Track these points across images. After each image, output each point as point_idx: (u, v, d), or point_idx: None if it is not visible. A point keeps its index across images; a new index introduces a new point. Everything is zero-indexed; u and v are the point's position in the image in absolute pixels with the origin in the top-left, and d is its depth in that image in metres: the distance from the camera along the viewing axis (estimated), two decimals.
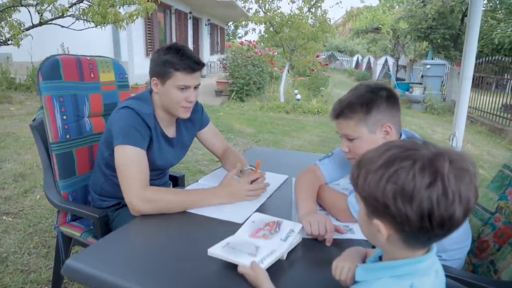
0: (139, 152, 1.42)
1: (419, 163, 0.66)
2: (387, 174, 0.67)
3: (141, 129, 1.44)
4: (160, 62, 1.47)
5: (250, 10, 9.47)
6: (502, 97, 8.02)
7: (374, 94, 1.23)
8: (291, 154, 2.79)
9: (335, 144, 5.91)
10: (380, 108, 1.23)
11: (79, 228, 1.66)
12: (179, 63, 1.44)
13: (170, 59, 1.45)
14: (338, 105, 1.25)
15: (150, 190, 1.37)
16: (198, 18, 15.85)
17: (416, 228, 0.67)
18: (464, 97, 2.19)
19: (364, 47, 26.25)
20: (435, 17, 11.10)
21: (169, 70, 1.45)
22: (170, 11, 12.24)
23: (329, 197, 1.41)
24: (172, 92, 1.48)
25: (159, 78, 1.49)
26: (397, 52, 16.62)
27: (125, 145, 1.39)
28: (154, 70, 1.50)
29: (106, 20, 5.12)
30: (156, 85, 1.52)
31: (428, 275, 0.75)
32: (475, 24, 2.00)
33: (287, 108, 8.64)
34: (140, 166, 1.40)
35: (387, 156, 0.69)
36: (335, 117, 1.26)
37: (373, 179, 0.69)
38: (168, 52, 1.46)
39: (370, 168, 0.71)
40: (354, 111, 1.22)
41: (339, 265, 0.93)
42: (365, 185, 0.71)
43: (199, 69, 1.50)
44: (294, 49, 9.11)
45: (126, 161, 1.39)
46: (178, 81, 1.46)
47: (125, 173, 1.38)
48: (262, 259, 1.00)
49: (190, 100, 1.51)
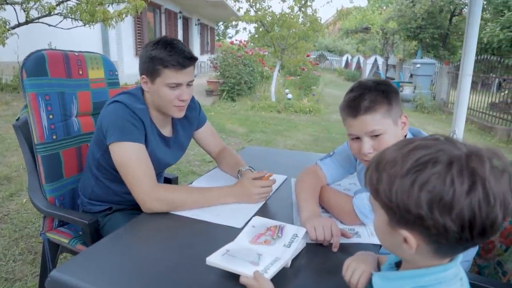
0: (139, 147, 1.34)
1: (456, 166, 0.58)
2: (420, 181, 0.58)
3: (136, 123, 1.35)
4: (148, 59, 1.36)
5: (240, 9, 9.38)
6: (488, 96, 8.08)
7: (386, 86, 1.17)
8: (288, 153, 2.73)
9: (328, 143, 5.92)
10: (397, 98, 1.17)
11: (67, 235, 1.57)
12: (168, 59, 1.33)
13: (158, 55, 1.34)
14: (357, 102, 1.14)
15: (162, 189, 1.33)
16: (188, 17, 15.72)
17: (454, 239, 0.60)
18: (464, 94, 2.15)
19: (353, 47, 26.36)
20: (424, 17, 11.17)
21: (157, 67, 1.35)
22: (160, 10, 12.10)
23: (333, 199, 1.34)
24: (162, 91, 1.38)
25: (148, 76, 1.39)
26: (386, 51, 16.70)
27: (123, 142, 1.31)
28: (143, 67, 1.40)
29: (95, 18, 4.99)
30: (146, 84, 1.42)
31: (454, 284, 0.68)
32: (475, 22, 1.96)
33: (279, 108, 8.61)
34: (144, 162, 1.34)
35: (415, 158, 0.61)
36: (358, 114, 1.14)
37: (401, 186, 0.60)
38: (156, 47, 1.35)
39: (395, 172, 0.62)
40: (379, 102, 1.13)
41: (352, 266, 0.86)
42: (390, 193, 0.62)
43: (191, 64, 1.38)
44: (285, 48, 9.06)
45: (127, 159, 1.31)
46: (168, 78, 1.36)
47: (130, 172, 1.31)
48: (265, 268, 0.93)
49: (183, 98, 1.41)
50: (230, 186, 1.44)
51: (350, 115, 1.16)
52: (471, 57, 2.10)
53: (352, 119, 1.16)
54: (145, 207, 1.30)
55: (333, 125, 7.37)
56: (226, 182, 1.59)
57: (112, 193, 1.51)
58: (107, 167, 1.45)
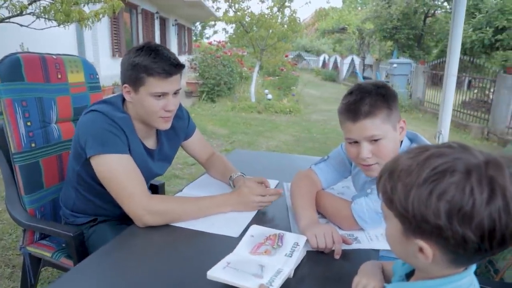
0: (124, 158, 1.25)
1: (475, 175, 0.55)
2: (438, 190, 0.56)
3: (117, 133, 1.25)
4: (130, 66, 1.26)
5: (219, 10, 9.31)
6: (460, 95, 8.30)
7: (386, 90, 1.14)
8: (278, 156, 2.69)
9: (310, 143, 5.93)
10: (396, 102, 1.15)
11: (49, 248, 1.48)
12: (153, 66, 1.23)
13: (142, 62, 1.23)
14: (357, 106, 1.11)
15: (156, 200, 1.25)
16: (165, 18, 15.50)
17: (473, 250, 0.57)
18: (449, 94, 2.17)
19: (330, 47, 26.65)
20: (400, 18, 11.40)
21: (141, 75, 1.24)
22: (136, 10, 11.87)
23: (330, 204, 1.31)
24: (147, 101, 1.28)
25: (131, 85, 1.28)
26: (362, 51, 16.95)
27: (105, 155, 1.22)
28: (125, 75, 1.29)
29: (70, 18, 4.81)
30: (128, 93, 1.31)
31: None
32: (459, 23, 1.98)
33: (259, 108, 8.58)
34: (133, 173, 1.24)
35: (432, 167, 0.58)
36: (358, 119, 1.11)
37: (418, 196, 0.58)
38: (139, 53, 1.25)
39: (410, 181, 0.59)
40: (379, 107, 1.11)
41: (362, 282, 0.83)
42: (407, 203, 0.59)
43: (177, 71, 1.29)
44: (264, 48, 9.05)
45: (113, 173, 1.22)
46: (153, 87, 1.26)
47: (118, 186, 1.22)
48: (270, 280, 0.89)
49: (168, 109, 1.31)
50: (227, 195, 1.38)
51: (349, 119, 1.13)
52: (455, 57, 2.12)
53: (351, 123, 1.13)
54: (140, 222, 1.21)
55: (313, 125, 7.40)
56: (217, 189, 1.54)
57: (95, 207, 1.43)
58: (88, 180, 1.36)
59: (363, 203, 1.19)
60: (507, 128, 6.33)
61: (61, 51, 1.63)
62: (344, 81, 17.71)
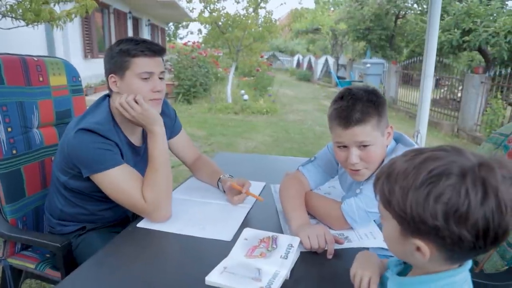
0: (122, 168, 1.26)
1: (470, 177, 0.58)
2: (435, 193, 0.59)
3: (110, 148, 1.26)
4: (114, 54, 1.29)
5: (194, 10, 9.24)
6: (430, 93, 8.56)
7: (376, 96, 1.17)
8: (263, 158, 2.69)
9: (288, 144, 5.98)
10: (385, 109, 1.18)
11: (33, 259, 1.42)
12: (136, 48, 1.27)
13: (125, 47, 1.27)
14: (348, 113, 1.13)
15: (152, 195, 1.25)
16: (138, 18, 15.22)
17: (468, 248, 0.61)
18: (426, 95, 2.24)
19: (303, 47, 26.94)
20: (372, 19, 11.66)
21: (126, 59, 1.27)
22: (108, 10, 11.59)
23: (320, 205, 1.33)
24: (134, 84, 1.29)
25: (117, 73, 1.30)
26: (336, 51, 17.23)
27: (105, 171, 1.23)
28: (109, 65, 1.31)
29: (40, 18, 4.64)
30: (115, 83, 1.31)
31: (462, 287, 0.69)
32: (434, 26, 2.05)
33: (236, 109, 8.58)
34: (134, 179, 1.27)
35: (428, 170, 0.61)
36: (349, 126, 1.14)
37: (416, 199, 0.61)
38: (120, 43, 1.30)
39: (407, 184, 0.62)
40: (370, 115, 1.14)
41: (358, 273, 0.86)
42: (405, 205, 0.62)
43: (160, 53, 1.33)
44: (240, 49, 9.05)
45: (117, 186, 1.25)
46: (139, 68, 1.28)
47: (125, 196, 1.25)
48: (269, 283, 0.90)
49: (157, 89, 1.32)
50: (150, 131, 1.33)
51: (340, 125, 1.16)
52: (432, 59, 2.19)
53: (342, 129, 1.16)
54: (159, 218, 1.27)
55: (291, 125, 7.46)
56: (206, 192, 1.53)
57: (85, 213, 1.40)
58: (77, 189, 1.35)
59: (353, 204, 1.21)
60: (475, 125, 6.59)
61: (29, 52, 1.57)
62: (318, 81, 17.93)
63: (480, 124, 6.46)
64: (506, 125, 1.66)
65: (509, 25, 6.38)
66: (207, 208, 1.42)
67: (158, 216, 1.26)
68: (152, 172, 1.29)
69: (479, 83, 6.50)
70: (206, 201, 1.47)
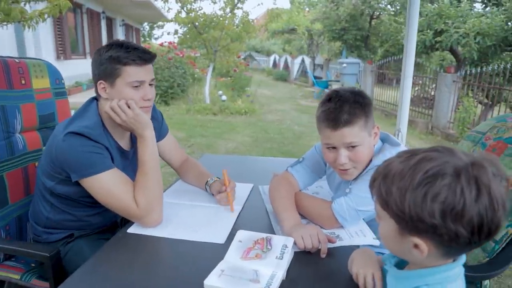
0: (113, 172, 1.24)
1: (464, 177, 0.62)
2: (432, 193, 0.62)
3: (100, 151, 1.24)
4: (103, 61, 1.26)
5: (170, 10, 9.13)
6: None
7: (362, 98, 1.20)
8: (249, 160, 2.70)
9: (268, 144, 6.00)
10: (371, 110, 1.22)
11: (17, 269, 1.37)
12: (127, 56, 1.24)
13: (115, 54, 1.24)
14: (336, 114, 1.16)
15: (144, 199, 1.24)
16: (112, 18, 14.92)
17: (464, 243, 0.64)
18: (406, 95, 2.30)
19: (279, 47, 27.08)
20: (347, 19, 11.86)
21: (116, 67, 1.25)
22: (81, 10, 11.30)
23: (310, 205, 1.35)
24: (124, 92, 1.27)
25: (107, 80, 1.27)
26: (312, 51, 17.42)
27: (95, 175, 1.21)
28: (99, 71, 1.28)
29: (10, 18, 4.49)
30: (104, 89, 1.29)
31: (456, 281, 0.73)
32: (413, 28, 2.11)
33: (214, 110, 8.54)
34: (123, 183, 1.25)
35: (423, 171, 0.64)
36: (338, 127, 1.17)
37: (413, 199, 0.63)
38: (110, 48, 1.27)
39: (404, 185, 0.65)
40: (358, 116, 1.17)
41: (361, 273, 0.88)
42: (403, 205, 0.65)
43: (151, 60, 1.31)
44: (218, 50, 9.01)
45: (107, 189, 1.22)
46: (130, 76, 1.26)
47: (115, 201, 1.23)
48: (268, 284, 0.91)
49: (148, 97, 1.31)
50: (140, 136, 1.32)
51: (329, 127, 1.18)
52: (411, 59, 2.26)
53: (331, 130, 1.18)
54: (151, 222, 1.25)
55: (269, 126, 7.49)
56: (194, 195, 1.53)
57: (73, 219, 1.37)
58: (64, 195, 1.32)
59: (343, 203, 1.24)
60: (448, 123, 6.81)
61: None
62: (295, 80, 18.08)
63: (453, 121, 6.68)
64: (483, 123, 1.73)
65: (477, 27, 6.64)
66: (197, 211, 1.41)
67: (150, 221, 1.25)
68: (142, 176, 1.28)
69: (451, 82, 6.72)
70: (196, 204, 1.47)
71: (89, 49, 11.97)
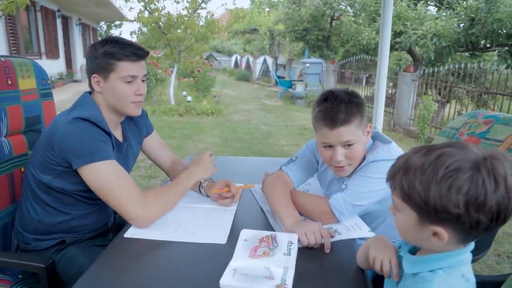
0: (113, 163, 1.24)
1: (484, 169, 0.68)
2: (456, 186, 0.67)
3: (104, 139, 1.25)
4: (98, 55, 1.30)
5: (132, 10, 8.90)
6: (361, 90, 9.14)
7: (357, 98, 1.25)
8: (231, 160, 2.69)
9: (238, 144, 6.02)
10: (364, 109, 1.27)
11: (4, 282, 1.30)
12: (121, 52, 1.29)
13: (110, 50, 1.29)
14: (333, 114, 1.20)
15: (150, 198, 1.27)
16: (68, 17, 14.30)
17: (483, 229, 0.70)
18: (381, 94, 2.41)
19: (240, 47, 27.13)
20: (310, 20, 12.08)
21: (110, 62, 1.29)
22: (34, 8, 10.74)
23: (307, 202, 1.38)
24: (118, 86, 1.31)
25: (100, 74, 1.31)
26: (273, 51, 17.60)
27: (95, 163, 1.20)
28: (93, 65, 1.32)
29: None
30: (97, 83, 1.33)
31: (466, 264, 0.79)
32: (387, 29, 2.20)
33: (180, 111, 8.44)
34: (124, 177, 1.25)
35: (445, 166, 0.69)
36: (335, 126, 1.21)
37: (438, 191, 0.68)
38: (105, 43, 1.31)
39: (428, 179, 0.70)
40: (354, 115, 1.22)
41: (378, 257, 0.92)
42: (427, 197, 0.70)
43: (145, 56, 1.36)
44: (182, 50, 8.90)
45: (108, 180, 1.21)
46: (124, 71, 1.30)
47: (115, 193, 1.22)
48: (282, 279, 0.93)
49: (140, 92, 1.35)
50: (188, 170, 1.45)
51: (327, 125, 1.23)
52: (385, 60, 2.36)
53: (328, 129, 1.23)
54: (146, 221, 1.25)
55: (237, 126, 7.50)
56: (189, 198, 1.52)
57: (65, 220, 1.33)
58: (61, 189, 1.28)
59: (340, 198, 1.29)
60: (409, 120, 7.13)
61: None
62: (257, 80, 18.19)
63: (413, 118, 7.01)
64: (455, 119, 1.84)
65: (434, 29, 7.01)
66: (193, 213, 1.40)
67: (144, 219, 1.25)
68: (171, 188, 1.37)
69: (411, 81, 7.05)
70: (191, 206, 1.46)
71: (44, 48, 11.43)
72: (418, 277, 0.78)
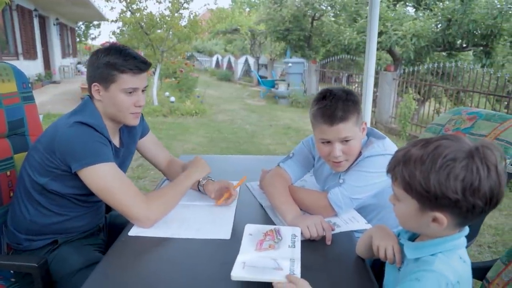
0: (114, 166, 1.26)
1: (477, 158, 0.74)
2: (453, 173, 0.74)
3: (105, 143, 1.28)
4: (101, 65, 1.31)
5: (113, 9, 8.79)
6: None
7: (353, 96, 1.31)
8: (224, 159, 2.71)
9: (224, 144, 6.05)
10: (361, 107, 1.33)
11: None
12: (124, 64, 1.29)
13: (113, 61, 1.29)
14: (332, 111, 1.26)
15: (153, 199, 1.30)
16: (45, 16, 13.96)
17: (479, 212, 0.77)
18: (369, 92, 2.49)
19: (221, 47, 27.07)
20: (291, 20, 12.18)
21: (112, 73, 1.30)
22: (10, 7, 10.45)
23: (306, 197, 1.43)
24: (118, 97, 1.32)
25: (101, 83, 1.32)
26: (254, 51, 17.65)
27: (96, 165, 1.21)
28: (95, 74, 1.33)
29: None
30: (98, 92, 1.34)
31: (462, 247, 0.86)
32: (374, 29, 2.27)
33: (164, 112, 8.40)
34: (124, 179, 1.28)
35: (442, 156, 0.76)
36: (334, 123, 1.26)
37: (437, 179, 0.75)
38: (108, 53, 1.31)
39: (426, 168, 0.76)
40: (351, 112, 1.28)
41: (382, 245, 0.98)
42: (428, 185, 0.76)
43: (147, 69, 1.37)
44: (165, 50, 8.85)
45: (109, 182, 1.23)
46: (125, 84, 1.31)
47: (117, 195, 1.23)
48: (291, 270, 0.97)
49: (140, 104, 1.37)
50: (187, 170, 1.50)
51: (326, 122, 1.28)
52: (372, 60, 2.44)
53: (327, 126, 1.28)
54: (149, 221, 1.27)
55: (222, 125, 7.52)
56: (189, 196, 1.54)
57: (58, 221, 1.34)
58: (56, 192, 1.29)
59: (338, 192, 1.34)
60: (390, 118, 7.30)
61: None
62: (239, 80, 18.20)
63: (394, 117, 7.18)
64: (441, 115, 1.93)
65: (413, 29, 7.21)
66: (195, 211, 1.44)
67: (148, 219, 1.27)
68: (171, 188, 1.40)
69: (392, 80, 7.22)
70: (192, 204, 1.49)
71: (21, 49, 11.14)
72: (420, 261, 0.84)
